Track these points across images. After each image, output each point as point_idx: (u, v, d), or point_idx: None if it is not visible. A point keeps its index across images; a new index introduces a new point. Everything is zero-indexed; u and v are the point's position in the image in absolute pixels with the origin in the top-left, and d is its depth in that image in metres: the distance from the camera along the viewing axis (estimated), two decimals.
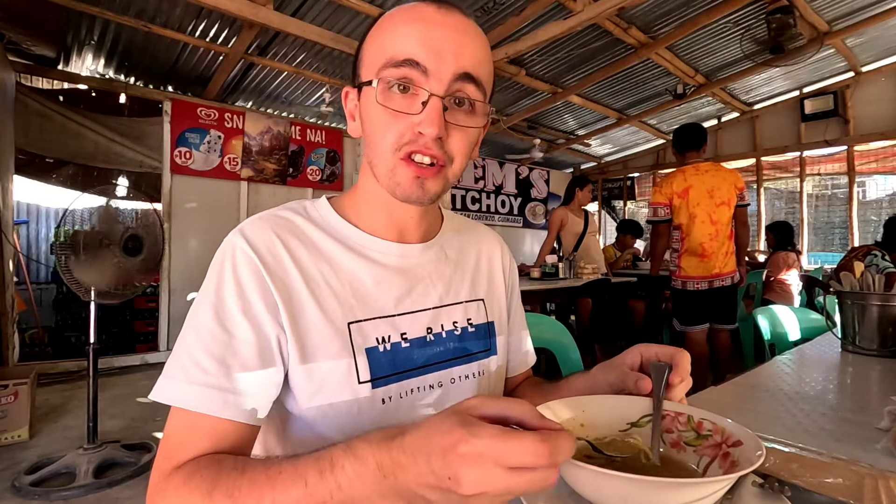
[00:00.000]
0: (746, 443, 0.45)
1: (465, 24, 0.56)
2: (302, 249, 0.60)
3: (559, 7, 3.63)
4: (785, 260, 4.06)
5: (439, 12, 0.55)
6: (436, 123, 0.53)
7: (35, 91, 4.09)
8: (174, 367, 0.53)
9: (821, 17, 4.26)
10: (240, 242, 0.57)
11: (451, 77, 0.54)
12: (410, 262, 0.65)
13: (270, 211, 0.63)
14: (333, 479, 0.39)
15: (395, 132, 0.55)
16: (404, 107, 0.54)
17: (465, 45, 0.55)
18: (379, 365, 0.59)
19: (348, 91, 0.63)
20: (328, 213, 0.65)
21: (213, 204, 4.55)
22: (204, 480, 0.44)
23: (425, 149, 0.55)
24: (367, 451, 0.38)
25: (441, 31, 0.54)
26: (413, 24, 0.54)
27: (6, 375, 2.55)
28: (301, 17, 3.50)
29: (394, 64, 0.54)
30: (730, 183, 2.77)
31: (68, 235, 2.17)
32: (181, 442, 0.50)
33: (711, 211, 2.77)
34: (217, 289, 0.55)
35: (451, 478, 0.33)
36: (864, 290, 1.25)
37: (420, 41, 0.53)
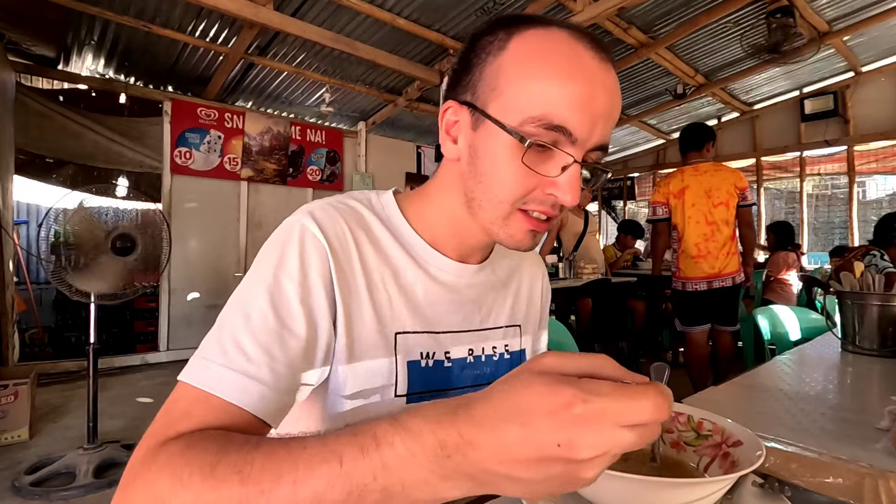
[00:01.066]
0: (746, 443, 0.45)
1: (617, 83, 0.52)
2: (369, 247, 0.58)
3: (559, 7, 3.64)
4: (785, 260, 4.07)
5: (601, 67, 0.50)
6: (577, 193, 0.51)
7: (35, 91, 4.10)
8: (213, 348, 0.47)
9: (821, 17, 4.26)
10: (310, 225, 0.54)
11: (593, 146, 0.51)
12: (462, 283, 0.64)
13: (337, 198, 0.60)
14: (378, 458, 0.32)
15: (523, 188, 0.51)
16: (543, 167, 0.50)
17: (615, 111, 0.52)
18: (417, 380, 0.58)
19: (452, 107, 0.56)
20: (395, 213, 0.62)
21: (213, 204, 4.55)
22: (206, 452, 0.37)
23: (551, 209, 0.53)
24: (424, 426, 0.32)
25: (602, 95, 0.49)
26: (574, 82, 0.48)
27: (6, 375, 2.55)
28: (301, 17, 3.50)
29: (545, 125, 0.48)
30: (730, 183, 2.76)
31: (58, 235, 2.16)
32: (187, 412, 0.44)
33: (708, 212, 2.76)
34: (276, 270, 0.51)
35: (562, 444, 0.28)
36: (864, 290, 1.25)
37: (580, 108, 0.48)
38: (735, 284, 2.83)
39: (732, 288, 2.83)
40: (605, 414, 0.28)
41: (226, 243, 4.66)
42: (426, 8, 3.61)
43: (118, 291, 2.27)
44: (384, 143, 5.91)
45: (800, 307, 2.06)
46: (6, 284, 3.35)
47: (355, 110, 5.38)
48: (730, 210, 2.77)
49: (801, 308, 1.96)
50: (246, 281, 0.52)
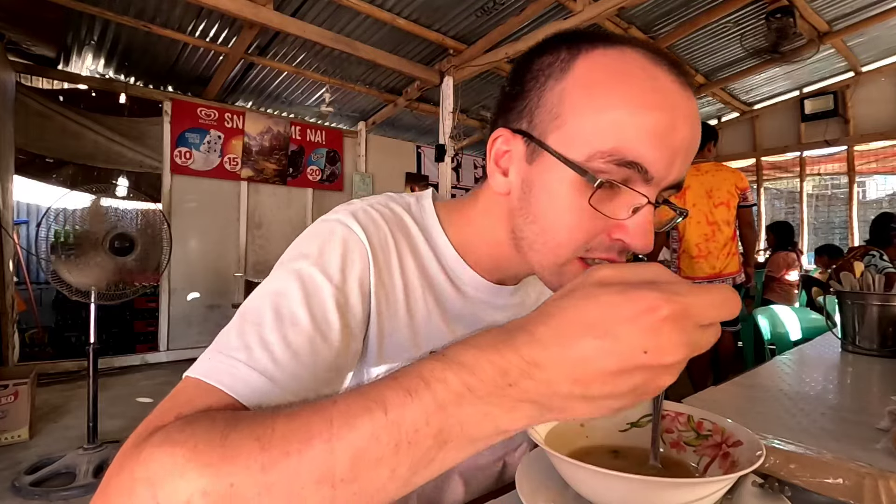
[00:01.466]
0: (746, 443, 0.45)
1: (697, 109, 0.45)
2: (410, 258, 0.54)
3: (559, 7, 3.63)
4: (785, 260, 4.07)
5: (683, 94, 0.43)
6: (650, 238, 0.44)
7: (35, 91, 4.09)
8: (234, 342, 0.42)
9: (821, 17, 4.26)
10: (354, 227, 0.50)
11: (669, 184, 0.45)
12: (498, 303, 0.60)
13: (378, 200, 0.56)
14: (431, 398, 0.28)
15: (586, 234, 0.45)
16: (610, 208, 0.44)
17: (695, 143, 0.45)
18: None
19: (503, 135, 0.49)
20: (434, 225, 0.57)
21: (213, 204, 4.55)
22: (214, 422, 0.31)
23: (616, 256, 0.46)
24: (479, 356, 0.29)
25: (683, 126, 0.43)
26: (654, 110, 0.42)
27: (6, 375, 2.55)
28: (301, 17, 3.50)
29: (616, 161, 0.42)
30: (731, 183, 2.77)
31: (57, 235, 2.16)
32: (188, 400, 0.38)
33: (708, 212, 2.77)
34: (314, 269, 0.47)
35: (649, 350, 0.27)
36: (864, 290, 1.25)
37: (658, 141, 0.42)
38: (736, 285, 2.83)
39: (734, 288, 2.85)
40: (690, 313, 0.27)
41: (226, 243, 4.66)
42: (426, 8, 3.61)
43: (117, 291, 2.27)
44: (384, 143, 5.91)
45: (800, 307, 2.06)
46: (6, 284, 3.35)
47: (355, 110, 5.38)
48: (730, 210, 2.78)
49: (801, 308, 1.96)
50: (276, 276, 0.47)
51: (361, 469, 0.28)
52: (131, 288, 2.34)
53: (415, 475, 0.29)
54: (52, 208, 2.17)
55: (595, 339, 0.27)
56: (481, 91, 5.07)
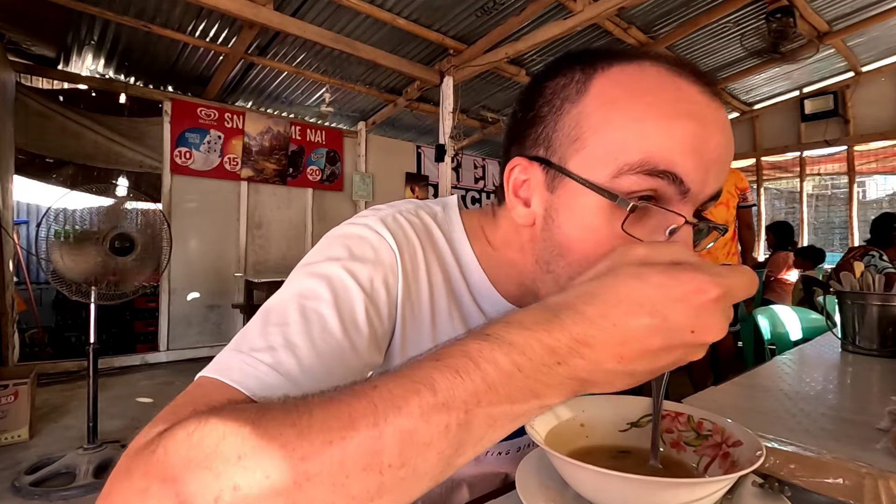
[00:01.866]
0: (746, 443, 0.45)
1: (728, 121, 0.43)
2: (438, 272, 0.51)
3: (559, 7, 3.63)
4: (785, 260, 4.07)
5: (711, 104, 0.40)
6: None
7: (35, 91, 4.10)
8: (256, 343, 0.39)
9: (821, 17, 4.26)
10: (381, 230, 0.47)
11: (706, 198, 0.42)
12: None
13: (407, 207, 0.53)
14: (481, 379, 0.28)
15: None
16: (643, 231, 0.40)
17: (730, 156, 0.42)
18: None
19: (520, 164, 0.46)
20: (462, 240, 0.54)
21: (213, 204, 4.55)
22: (242, 412, 0.28)
23: None
24: (528, 336, 0.29)
25: (716, 136, 0.40)
26: (682, 119, 0.39)
27: (6, 375, 2.55)
28: (301, 17, 3.50)
29: (647, 171, 0.38)
30: (730, 183, 2.77)
31: (58, 235, 2.16)
32: (208, 396, 0.35)
33: (709, 212, 2.78)
34: (343, 274, 0.44)
35: (696, 329, 0.29)
36: (864, 290, 1.25)
37: (691, 150, 0.39)
38: None
39: None
40: (732, 293, 0.29)
41: (226, 243, 4.66)
42: (426, 8, 3.61)
43: (117, 291, 2.27)
44: (384, 143, 5.91)
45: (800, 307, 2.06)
46: (6, 284, 3.35)
47: (355, 110, 5.38)
48: (730, 210, 2.78)
49: (801, 308, 1.96)
50: (300, 278, 0.44)
51: (410, 453, 0.27)
52: (131, 288, 2.34)
53: (460, 456, 0.29)
54: (52, 208, 2.17)
55: (645, 317, 0.28)
56: (481, 91, 5.07)
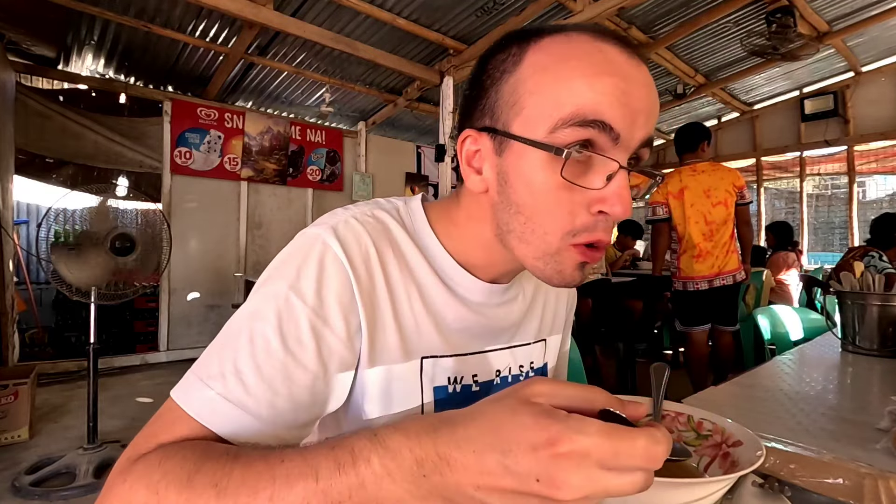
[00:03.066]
0: (746, 443, 0.45)
1: (651, 78, 0.47)
2: (395, 265, 0.52)
3: (559, 7, 3.64)
4: (785, 260, 4.07)
5: (630, 62, 0.45)
6: (628, 202, 0.44)
7: (35, 91, 4.09)
8: (213, 370, 0.44)
9: (821, 17, 4.26)
10: (332, 242, 0.48)
11: (637, 145, 0.45)
12: (492, 302, 0.59)
13: (363, 209, 0.55)
14: (355, 475, 0.32)
15: (568, 212, 0.45)
16: (585, 180, 0.44)
17: (655, 106, 0.46)
18: (443, 407, 0.54)
19: (470, 136, 0.50)
20: (423, 228, 0.56)
21: (213, 204, 4.55)
22: (185, 461, 0.36)
23: (603, 235, 0.46)
24: (402, 443, 0.32)
25: (637, 89, 0.44)
26: (606, 76, 0.43)
27: (6, 375, 2.55)
28: (301, 17, 3.50)
29: (578, 122, 0.42)
30: (728, 182, 2.78)
31: (58, 235, 2.16)
32: (170, 425, 0.42)
33: (707, 211, 2.77)
34: (289, 293, 0.46)
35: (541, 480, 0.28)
36: (864, 290, 1.25)
37: (616, 99, 0.43)
38: (736, 282, 2.85)
39: (734, 286, 2.85)
40: (590, 455, 0.28)
41: (226, 243, 4.66)
42: (426, 8, 3.61)
43: (117, 291, 2.27)
44: (384, 143, 5.91)
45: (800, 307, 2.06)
46: (6, 284, 3.35)
47: (355, 110, 5.38)
48: (729, 209, 2.79)
49: (801, 308, 1.96)
50: (255, 298, 0.48)
51: None
52: (131, 288, 2.34)
53: None
54: (52, 208, 2.17)
55: (500, 454, 0.29)
56: None
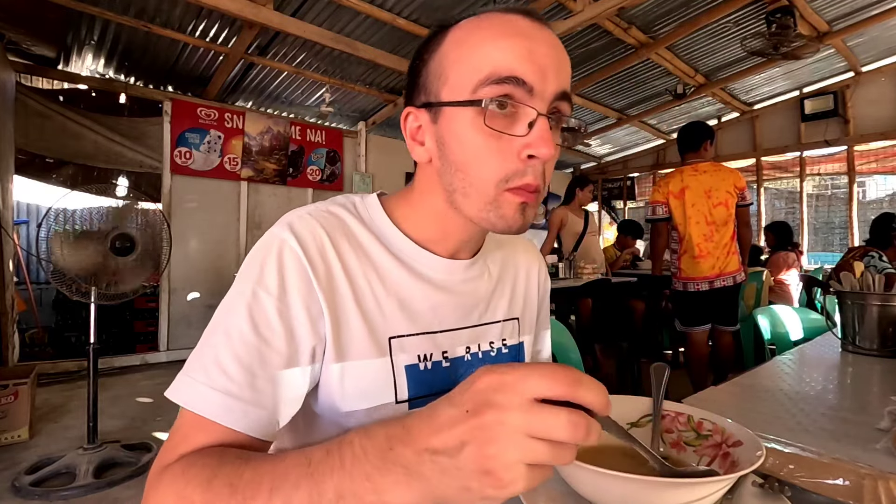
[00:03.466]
0: (746, 443, 0.45)
1: (558, 41, 0.53)
2: (351, 254, 0.56)
3: (559, 7, 3.64)
4: (785, 260, 4.07)
5: (535, 26, 0.51)
6: (550, 143, 0.49)
7: (35, 91, 4.09)
8: (196, 366, 0.49)
9: (821, 17, 4.26)
10: (289, 239, 0.53)
11: (551, 96, 0.50)
12: (456, 279, 0.62)
13: (319, 206, 0.59)
14: (338, 456, 0.36)
15: (498, 160, 0.50)
16: (510, 129, 0.49)
17: (563, 62, 0.52)
18: (418, 384, 0.57)
19: (411, 113, 0.57)
20: (380, 216, 0.61)
21: (213, 204, 4.55)
22: (204, 468, 0.41)
23: (533, 179, 0.51)
24: (380, 426, 0.36)
25: (542, 48, 0.50)
26: (512, 38, 0.49)
27: (6, 375, 2.55)
28: (301, 17, 3.50)
29: (495, 80, 0.49)
30: (729, 183, 2.76)
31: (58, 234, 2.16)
32: (186, 436, 0.47)
33: (707, 212, 2.76)
34: (255, 287, 0.51)
35: (469, 410, 0.31)
36: (864, 290, 1.25)
37: (523, 56, 0.49)
38: (736, 283, 2.84)
39: (734, 287, 2.85)
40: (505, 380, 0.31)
41: (226, 243, 4.66)
42: (426, 8, 3.61)
43: (118, 291, 2.26)
44: (384, 143, 5.91)
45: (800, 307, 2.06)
46: (6, 284, 3.35)
47: (355, 110, 5.38)
48: (729, 210, 2.78)
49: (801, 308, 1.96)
50: (227, 298, 0.53)
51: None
52: (131, 287, 2.33)
53: None
54: (52, 208, 2.17)
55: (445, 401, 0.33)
56: None
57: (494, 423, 0.30)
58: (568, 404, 0.31)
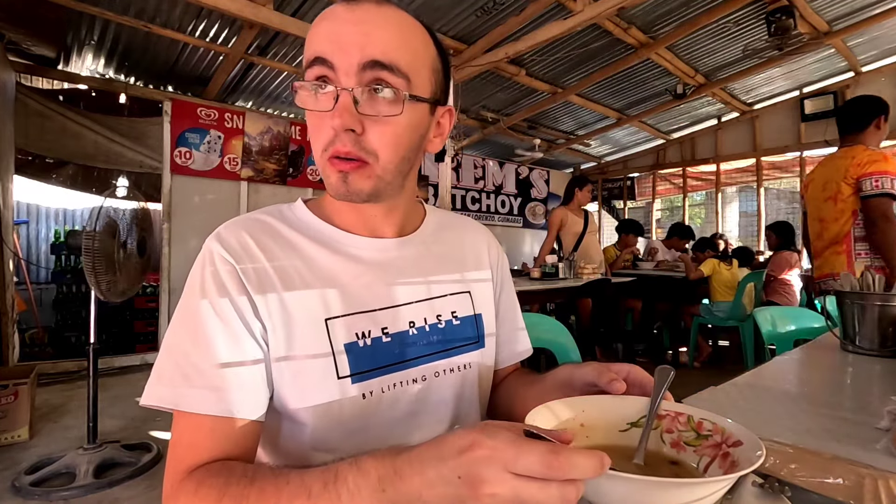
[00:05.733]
0: (746, 443, 0.45)
1: (376, 13, 0.55)
2: (275, 248, 0.60)
3: (559, 7, 3.63)
4: (787, 260, 4.06)
5: (347, 8, 0.55)
6: (339, 115, 0.53)
7: (35, 91, 4.09)
8: (165, 367, 0.54)
9: (821, 17, 4.26)
10: (215, 247, 0.58)
11: (357, 68, 0.53)
12: (389, 256, 0.65)
13: (245, 214, 0.64)
14: (335, 491, 0.39)
15: (319, 133, 0.57)
16: (320, 106, 0.55)
17: (371, 34, 0.54)
18: (359, 360, 0.59)
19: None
20: (303, 212, 0.66)
21: (213, 204, 4.55)
22: (213, 488, 0.45)
23: (340, 145, 0.55)
24: (371, 464, 0.39)
25: (345, 25, 0.54)
26: (320, 23, 0.55)
27: (6, 375, 2.55)
28: (301, 17, 3.50)
29: (309, 63, 0.55)
30: (841, 172, 2.19)
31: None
32: (188, 445, 0.51)
33: (818, 207, 2.34)
34: (199, 292, 0.56)
35: (462, 476, 0.34)
36: (864, 290, 1.25)
37: (325, 37, 0.54)
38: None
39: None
40: (494, 456, 0.34)
41: None
42: (426, 8, 3.61)
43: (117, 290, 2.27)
44: None
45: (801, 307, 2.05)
46: (6, 284, 3.35)
47: None
48: (837, 205, 2.27)
49: (801, 308, 1.96)
50: (180, 305, 0.57)
51: None
52: (128, 285, 2.34)
53: None
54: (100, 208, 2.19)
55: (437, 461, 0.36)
56: (481, 91, 5.07)
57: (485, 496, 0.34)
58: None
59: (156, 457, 2.27)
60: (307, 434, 0.57)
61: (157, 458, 2.28)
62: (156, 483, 2.07)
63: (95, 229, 2.11)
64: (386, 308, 0.63)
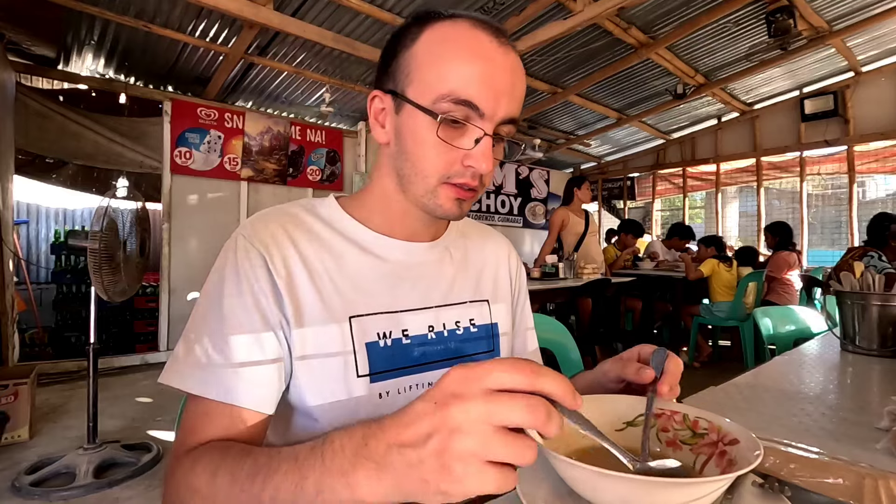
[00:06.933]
0: (743, 441, 0.45)
1: (517, 63, 0.58)
2: (306, 242, 0.61)
3: (559, 7, 3.63)
4: (787, 260, 4.06)
5: (499, 50, 0.56)
6: (490, 161, 0.56)
7: (35, 91, 4.09)
8: (182, 350, 0.55)
9: (821, 17, 4.26)
10: (242, 241, 0.59)
11: (500, 120, 0.57)
12: (414, 260, 0.67)
13: (277, 207, 0.65)
14: (320, 452, 0.39)
15: (444, 162, 0.57)
16: (458, 141, 0.56)
17: (517, 88, 0.58)
18: (378, 360, 0.60)
19: (378, 95, 0.62)
20: (336, 210, 0.66)
21: (213, 204, 4.55)
22: (211, 462, 0.46)
23: (471, 180, 0.58)
24: (359, 426, 0.38)
25: (501, 74, 0.56)
26: (475, 62, 0.55)
27: (6, 375, 2.55)
28: (301, 17, 3.50)
29: (454, 100, 0.55)
30: None
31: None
32: (193, 427, 0.52)
33: None
34: (224, 281, 0.57)
35: (437, 402, 0.33)
36: (864, 290, 1.24)
37: (482, 84, 0.55)
38: None
39: None
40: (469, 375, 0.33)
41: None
42: (426, 8, 3.61)
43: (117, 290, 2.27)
44: None
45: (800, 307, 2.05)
46: (6, 284, 3.35)
47: (355, 110, 5.38)
48: None
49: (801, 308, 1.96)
50: (204, 291, 0.58)
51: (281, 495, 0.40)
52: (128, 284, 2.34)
53: None
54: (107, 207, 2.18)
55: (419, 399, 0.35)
56: None
57: (458, 412, 0.32)
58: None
59: (156, 457, 2.27)
60: (319, 429, 0.58)
61: (157, 458, 2.28)
62: (156, 483, 2.07)
63: (101, 229, 2.11)
64: (408, 311, 0.64)
